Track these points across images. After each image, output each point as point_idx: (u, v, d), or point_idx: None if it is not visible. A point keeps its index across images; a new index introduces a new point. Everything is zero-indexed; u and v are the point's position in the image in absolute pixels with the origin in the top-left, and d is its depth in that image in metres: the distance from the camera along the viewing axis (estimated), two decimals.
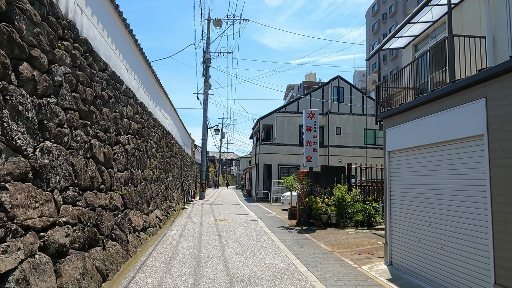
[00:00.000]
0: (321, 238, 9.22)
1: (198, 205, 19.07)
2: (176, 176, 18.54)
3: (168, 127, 15.51)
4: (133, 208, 7.82)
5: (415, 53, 12.12)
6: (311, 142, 11.66)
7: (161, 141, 13.50)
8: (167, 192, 14.18)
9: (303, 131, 11.84)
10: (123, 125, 7.86)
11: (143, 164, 9.71)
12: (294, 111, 26.47)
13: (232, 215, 14.43)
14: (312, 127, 11.73)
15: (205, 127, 25.57)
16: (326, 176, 11.94)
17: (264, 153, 25.94)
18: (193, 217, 13.16)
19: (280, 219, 13.50)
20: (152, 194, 10.64)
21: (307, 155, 11.63)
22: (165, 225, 10.94)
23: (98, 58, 6.28)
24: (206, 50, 25.45)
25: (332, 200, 11.23)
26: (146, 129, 10.49)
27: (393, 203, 6.28)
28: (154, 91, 12.14)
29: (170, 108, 16.10)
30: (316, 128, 11.79)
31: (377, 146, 26.59)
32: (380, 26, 48.35)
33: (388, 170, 6.43)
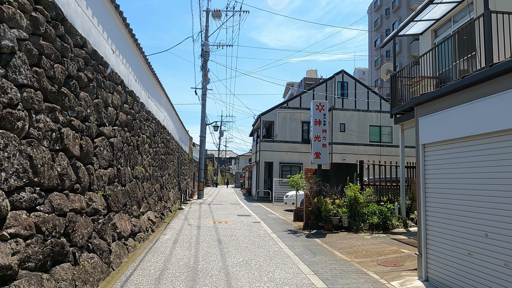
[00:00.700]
0: (334, 244, 8.16)
1: (196, 205, 18.00)
2: (173, 175, 17.46)
3: (164, 122, 14.41)
4: (119, 210, 6.73)
5: (434, 40, 11.06)
6: (320, 137, 10.59)
7: (156, 136, 12.41)
8: (162, 191, 13.10)
9: (311, 124, 10.77)
10: (108, 115, 6.78)
11: (133, 161, 8.62)
12: (296, 106, 25.41)
13: (233, 216, 13.36)
14: (321, 120, 10.66)
15: (203, 123, 24.48)
16: (336, 174, 10.88)
17: (265, 151, 24.87)
18: (190, 219, 12.09)
19: (284, 221, 12.43)
20: (144, 194, 9.56)
21: (316, 151, 10.57)
22: (159, 228, 9.87)
23: (73, 30, 5.18)
24: (205, 42, 24.33)
25: (343, 201, 10.17)
26: (138, 121, 9.40)
27: (430, 206, 5.22)
28: (147, 80, 11.04)
29: (165, 101, 15.01)
30: (326, 121, 10.72)
31: (382, 144, 25.57)
32: (383, 21, 47.25)
33: (422, 166, 5.37)
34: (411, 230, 9.72)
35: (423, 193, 5.37)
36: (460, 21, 9.86)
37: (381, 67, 11.44)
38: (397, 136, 26.65)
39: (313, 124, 10.67)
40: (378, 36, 48.13)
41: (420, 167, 5.42)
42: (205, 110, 24.50)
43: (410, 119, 10.11)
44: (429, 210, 5.25)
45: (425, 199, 5.35)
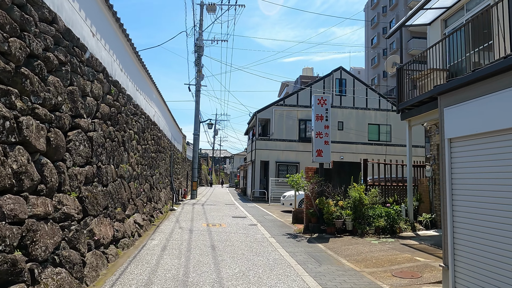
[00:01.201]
0: (339, 251, 7.41)
1: (189, 205, 17.17)
2: (164, 174, 16.62)
3: (154, 117, 13.57)
4: (98, 214, 5.91)
5: (444, 30, 10.36)
6: (321, 133, 9.84)
7: (145, 132, 11.58)
8: (152, 191, 12.27)
9: (312, 120, 10.01)
10: (87, 105, 5.95)
11: (118, 158, 7.79)
12: (293, 104, 24.67)
13: (227, 218, 12.57)
14: (323, 115, 9.91)
15: (197, 120, 23.63)
16: (338, 173, 10.14)
17: (261, 149, 24.10)
18: (182, 221, 11.27)
19: (282, 224, 11.67)
20: (130, 195, 8.73)
21: (317, 148, 9.81)
22: (147, 232, 9.04)
23: (39, 1, 4.35)
24: (199, 37, 23.49)
25: (347, 203, 9.43)
26: (124, 115, 8.57)
27: (458, 210, 4.48)
28: (135, 71, 10.20)
29: (156, 95, 14.16)
30: (328, 116, 9.97)
31: (381, 142, 24.95)
32: (380, 19, 46.70)
33: (448, 163, 4.63)
34: (420, 234, 9.02)
35: (449, 194, 4.63)
36: (474, 9, 9.16)
37: (387, 59, 10.73)
38: (396, 134, 26.09)
39: (315, 119, 9.92)
40: (375, 34, 47.59)
41: (446, 164, 4.68)
42: (199, 107, 23.66)
43: (418, 114, 9.41)
44: (458, 215, 4.51)
45: (451, 203, 4.61)
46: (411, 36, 40.11)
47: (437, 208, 9.76)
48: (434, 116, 8.97)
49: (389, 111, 25.33)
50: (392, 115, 25.37)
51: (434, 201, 9.89)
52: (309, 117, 24.69)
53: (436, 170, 9.84)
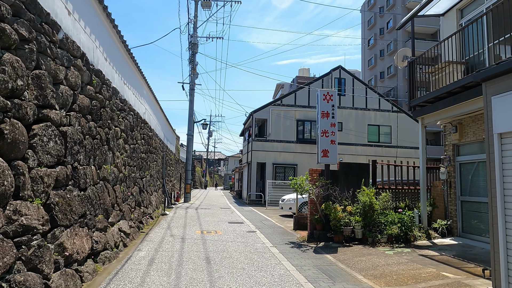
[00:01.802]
0: (351, 263, 6.54)
1: (182, 209, 16.20)
2: (156, 176, 15.65)
3: (145, 115, 12.62)
4: (72, 224, 4.97)
5: (460, 20, 9.60)
6: (327, 132, 8.98)
7: (134, 130, 10.63)
8: (142, 195, 11.30)
9: (318, 117, 9.14)
10: (60, 95, 5.02)
11: (100, 158, 6.85)
12: (291, 104, 23.85)
13: (223, 223, 11.65)
14: (330, 112, 9.06)
15: (191, 120, 22.68)
16: (345, 176, 9.28)
17: (258, 151, 23.21)
18: (174, 228, 10.33)
19: (283, 230, 10.78)
20: (115, 200, 7.78)
21: (323, 148, 8.94)
22: (134, 241, 8.09)
23: None
24: (193, 34, 22.59)
25: (356, 208, 8.58)
26: (108, 110, 7.63)
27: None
28: (122, 62, 9.27)
29: (147, 92, 13.21)
30: (335, 113, 9.11)
31: (381, 144, 24.24)
32: (377, 20, 46.19)
33: (498, 163, 3.80)
34: (436, 242, 8.19)
35: (500, 199, 3.79)
36: None
37: (397, 53, 9.93)
38: (396, 136, 25.40)
39: (320, 117, 9.06)
40: (372, 35, 47.07)
41: (496, 163, 3.84)
42: (193, 106, 22.72)
43: (434, 111, 8.61)
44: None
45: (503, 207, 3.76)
46: (409, 37, 39.60)
47: (453, 213, 8.95)
48: (452, 113, 8.18)
49: (389, 111, 24.65)
50: (392, 116, 24.70)
51: (449, 206, 9.08)
52: (307, 117, 23.91)
53: (451, 173, 9.04)
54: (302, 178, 8.82)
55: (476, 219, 8.37)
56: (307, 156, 23.43)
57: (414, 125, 25.05)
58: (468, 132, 8.56)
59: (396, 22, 41.00)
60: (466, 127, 8.64)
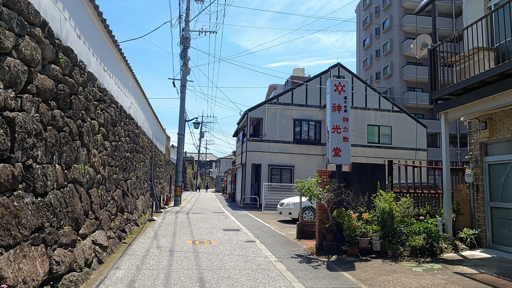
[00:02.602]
0: (377, 284, 5.37)
1: (172, 214, 14.90)
2: (143, 178, 14.33)
3: (130, 110, 11.32)
4: (18, 243, 3.69)
5: (488, 3, 8.56)
6: (339, 128, 7.84)
7: (117, 126, 9.34)
8: (126, 199, 10.00)
9: (328, 111, 7.98)
10: (5, 68, 3.75)
11: (69, 155, 5.57)
12: (288, 102, 22.72)
13: (217, 231, 10.40)
14: (341, 105, 7.91)
15: (182, 118, 21.37)
16: (359, 178, 8.14)
17: (252, 151, 22.00)
18: (162, 236, 9.05)
19: (286, 239, 9.57)
20: (90, 206, 6.49)
21: (334, 146, 7.79)
22: (113, 255, 6.80)
23: None
24: (185, 27, 21.33)
25: (372, 215, 7.43)
26: (82, 98, 6.35)
27: None
28: (102, 45, 7.98)
29: (133, 84, 11.92)
30: (347, 106, 7.98)
31: (381, 145, 23.25)
32: (373, 20, 45.45)
33: None
34: (466, 255, 7.07)
35: None
36: None
37: (416, 40, 8.85)
38: (396, 136, 24.36)
39: (330, 110, 7.90)
40: (367, 35, 46.33)
41: None
42: (184, 104, 21.43)
43: (462, 104, 7.52)
44: None
45: None
46: (405, 37, 38.96)
47: (480, 221, 7.87)
48: (484, 106, 7.09)
49: (389, 111, 23.71)
50: (392, 116, 23.75)
51: (476, 212, 7.99)
52: (305, 116, 22.80)
53: (479, 175, 7.96)
54: (311, 181, 7.63)
55: (508, 228, 7.29)
56: (305, 157, 22.33)
57: (415, 126, 24.14)
58: (501, 129, 7.49)
59: (392, 22, 40.30)
60: (498, 123, 7.57)
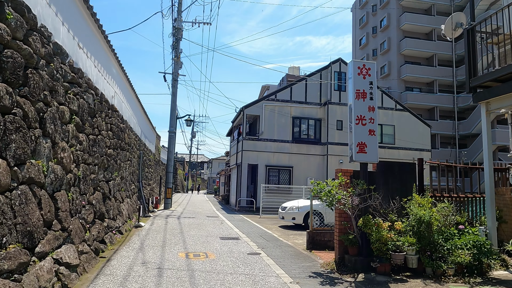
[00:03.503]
0: None
1: (161, 219, 13.43)
2: (130, 179, 12.84)
3: (114, 100, 9.86)
4: None
5: None
6: (364, 118, 6.52)
7: (96, 117, 7.89)
8: (108, 203, 8.54)
9: (349, 98, 6.66)
10: None
11: (20, 147, 4.13)
12: (286, 99, 21.42)
13: (214, 240, 9.00)
14: (367, 91, 6.60)
15: (173, 115, 19.89)
16: (385, 179, 6.83)
17: (249, 151, 20.63)
18: (149, 248, 7.62)
19: (295, 250, 8.22)
20: (54, 214, 5.04)
21: (359, 141, 6.46)
22: (85, 276, 5.36)
23: None
24: (177, 17, 19.88)
25: (406, 224, 6.13)
26: (45, 75, 4.91)
27: None
28: (74, 13, 6.51)
29: (118, 71, 10.45)
30: (374, 94, 6.67)
31: (384, 145, 22.05)
32: (369, 18, 44.55)
33: None
34: None
35: None
36: None
37: (448, 19, 7.58)
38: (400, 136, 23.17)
39: (354, 97, 6.58)
40: (364, 34, 45.43)
41: None
42: (175, 99, 19.95)
43: (507, 92, 6.28)
44: None
45: None
46: (404, 35, 38.11)
47: None
48: None
49: (392, 109, 22.60)
50: (396, 115, 22.63)
51: None
52: (304, 114, 21.52)
53: None
54: (333, 182, 6.27)
55: None
56: (304, 157, 21.05)
57: (418, 125, 23.07)
58: None
59: (390, 20, 39.41)
60: None
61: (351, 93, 6.59)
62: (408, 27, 37.72)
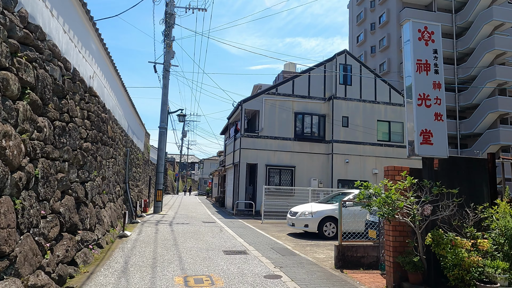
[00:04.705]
0: None
1: (151, 225, 11.58)
2: (115, 179, 10.98)
3: (93, 82, 8.01)
4: None
5: None
6: (429, 98, 4.85)
7: (67, 98, 6.05)
8: (82, 211, 6.70)
9: (409, 71, 4.97)
10: None
11: None
12: (288, 93, 19.75)
13: (217, 255, 7.21)
14: (430, 62, 4.94)
15: (164, 109, 18.02)
16: (450, 179, 5.16)
17: (247, 149, 18.87)
18: (134, 270, 5.82)
19: (321, 269, 6.48)
20: None
21: (423, 128, 4.77)
22: None
23: None
24: (170, 1, 18.04)
25: (497, 241, 4.46)
26: None
27: None
28: None
29: (98, 48, 8.60)
30: (439, 65, 5.01)
31: (392, 143, 20.54)
32: (367, 15, 43.24)
33: None
34: None
35: None
36: None
37: None
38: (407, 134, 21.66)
39: (414, 69, 4.90)
40: (362, 31, 44.12)
41: None
42: (167, 92, 18.09)
43: None
44: None
45: None
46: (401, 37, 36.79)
47: None
48: None
49: (401, 106, 21.08)
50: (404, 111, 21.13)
51: None
52: (307, 109, 19.85)
53: None
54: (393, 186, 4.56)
55: None
56: (307, 156, 19.40)
57: None
58: None
59: (390, 16, 38.16)
60: None
61: (410, 64, 4.91)
62: None
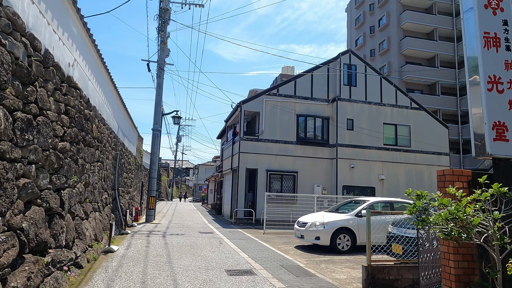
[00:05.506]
0: None
1: (142, 237, 10.33)
2: (101, 185, 9.74)
3: (73, 71, 6.82)
4: None
5: None
6: (500, 81, 3.77)
7: (35, 86, 4.86)
8: (56, 224, 5.48)
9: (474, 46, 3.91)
10: None
11: None
12: (290, 94, 18.68)
13: (218, 276, 6.02)
14: (500, 35, 3.84)
15: (158, 111, 16.82)
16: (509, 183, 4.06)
17: (247, 153, 17.71)
18: None
19: None
20: None
21: (496, 120, 3.66)
22: None
23: None
24: None
25: None
26: None
27: None
28: None
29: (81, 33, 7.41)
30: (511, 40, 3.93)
31: (399, 148, 19.52)
32: (366, 18, 42.54)
33: None
34: None
35: None
36: None
37: None
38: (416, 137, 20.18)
39: (480, 45, 3.79)
40: (360, 35, 43.39)
41: None
42: (161, 92, 16.91)
43: None
44: None
45: None
46: (404, 35, 36.17)
47: None
48: None
49: (407, 108, 20.12)
50: (411, 114, 20.14)
51: None
52: (310, 112, 18.78)
53: None
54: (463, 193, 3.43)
55: None
56: (310, 161, 18.27)
57: (436, 126, 20.65)
58: None
59: (390, 19, 37.46)
60: None
61: (474, 38, 3.81)
62: (409, 26, 35.84)
